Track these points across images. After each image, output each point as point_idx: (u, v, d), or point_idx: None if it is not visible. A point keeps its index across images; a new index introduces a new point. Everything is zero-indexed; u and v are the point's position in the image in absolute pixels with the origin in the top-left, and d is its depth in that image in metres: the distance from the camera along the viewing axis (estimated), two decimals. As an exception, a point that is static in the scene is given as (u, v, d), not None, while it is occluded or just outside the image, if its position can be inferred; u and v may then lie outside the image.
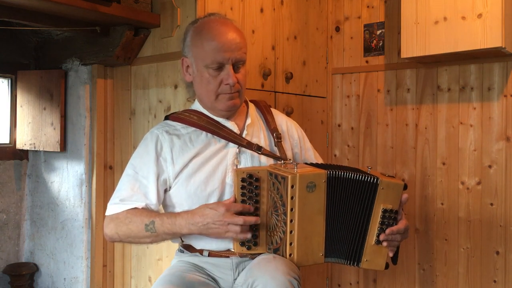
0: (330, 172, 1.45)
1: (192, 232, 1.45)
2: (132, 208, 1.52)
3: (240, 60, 1.57)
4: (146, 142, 1.60)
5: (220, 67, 1.55)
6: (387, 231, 1.49)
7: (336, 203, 1.47)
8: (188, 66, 1.64)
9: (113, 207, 1.54)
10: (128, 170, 1.58)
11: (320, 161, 1.83)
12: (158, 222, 1.46)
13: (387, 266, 1.54)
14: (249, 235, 1.43)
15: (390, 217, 1.50)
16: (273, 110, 1.80)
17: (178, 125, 1.63)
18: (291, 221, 1.39)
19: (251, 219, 1.42)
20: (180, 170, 1.55)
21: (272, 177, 1.44)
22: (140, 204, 1.53)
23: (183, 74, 1.66)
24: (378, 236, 1.50)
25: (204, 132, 1.60)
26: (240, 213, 1.43)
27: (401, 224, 1.52)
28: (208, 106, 1.63)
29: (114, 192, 1.58)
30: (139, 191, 1.54)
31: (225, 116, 1.63)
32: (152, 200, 1.54)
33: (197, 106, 1.68)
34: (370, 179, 1.48)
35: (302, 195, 1.39)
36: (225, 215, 1.40)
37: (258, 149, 1.59)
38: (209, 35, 1.55)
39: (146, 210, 1.52)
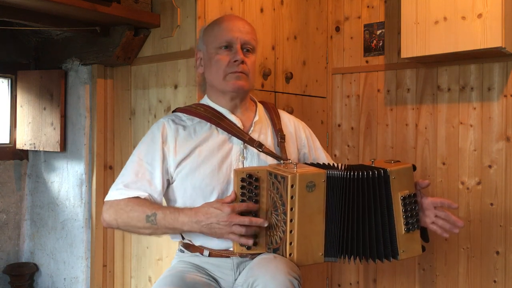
0: (329, 171, 1.44)
1: (193, 230, 1.44)
2: (134, 197, 1.50)
3: (248, 42, 1.62)
4: (153, 130, 1.61)
5: (229, 48, 1.60)
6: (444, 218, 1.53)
7: (340, 202, 1.46)
8: (201, 58, 1.68)
9: (115, 193, 1.53)
10: (133, 157, 1.58)
11: (330, 161, 1.83)
12: (160, 215, 1.45)
13: (424, 249, 1.54)
14: (250, 242, 1.43)
15: (411, 202, 1.49)
16: (280, 111, 1.82)
17: (184, 116, 1.65)
18: (291, 220, 1.39)
19: (258, 220, 1.42)
20: (181, 160, 1.55)
21: (272, 177, 1.44)
22: (143, 194, 1.51)
23: (196, 67, 1.71)
24: (406, 224, 1.48)
25: (208, 123, 1.62)
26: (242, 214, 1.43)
27: (437, 198, 1.56)
28: (218, 89, 1.64)
29: (118, 177, 1.56)
30: (143, 177, 1.53)
31: (230, 104, 1.64)
32: (157, 186, 1.53)
33: (205, 100, 1.71)
34: (379, 172, 1.46)
35: (301, 194, 1.39)
36: (230, 216, 1.39)
37: (259, 146, 1.59)
38: (220, 20, 1.66)
39: (149, 201, 1.51)
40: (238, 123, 1.63)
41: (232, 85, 1.59)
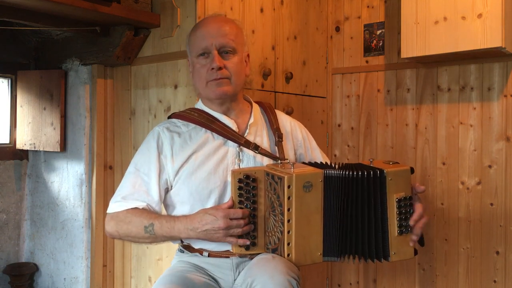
0: (326, 171, 1.44)
1: (190, 237, 1.46)
2: (132, 208, 1.53)
3: (225, 45, 1.58)
4: (148, 139, 1.62)
5: (206, 55, 1.59)
6: (411, 222, 1.48)
7: (337, 202, 1.46)
8: (190, 64, 1.69)
9: (114, 205, 1.56)
10: (130, 168, 1.60)
11: (327, 161, 1.83)
12: (157, 225, 1.47)
13: (416, 252, 1.53)
14: (248, 242, 1.45)
15: (406, 205, 1.48)
16: (277, 111, 1.81)
17: (178, 122, 1.65)
18: (288, 221, 1.39)
19: (246, 229, 1.44)
20: (179, 167, 1.56)
21: (269, 178, 1.44)
22: (141, 204, 1.54)
23: (190, 74, 1.71)
24: (399, 226, 1.47)
25: (203, 129, 1.61)
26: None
27: (419, 208, 1.50)
28: (203, 97, 1.66)
29: (117, 189, 1.59)
30: (140, 189, 1.55)
31: (222, 108, 1.64)
32: (154, 197, 1.55)
33: (199, 105, 1.71)
34: (376, 173, 1.46)
35: (299, 194, 1.39)
36: (225, 221, 1.40)
37: (255, 148, 1.59)
38: (196, 27, 1.65)
39: (146, 211, 1.53)
40: (233, 126, 1.63)
41: (213, 92, 1.59)
